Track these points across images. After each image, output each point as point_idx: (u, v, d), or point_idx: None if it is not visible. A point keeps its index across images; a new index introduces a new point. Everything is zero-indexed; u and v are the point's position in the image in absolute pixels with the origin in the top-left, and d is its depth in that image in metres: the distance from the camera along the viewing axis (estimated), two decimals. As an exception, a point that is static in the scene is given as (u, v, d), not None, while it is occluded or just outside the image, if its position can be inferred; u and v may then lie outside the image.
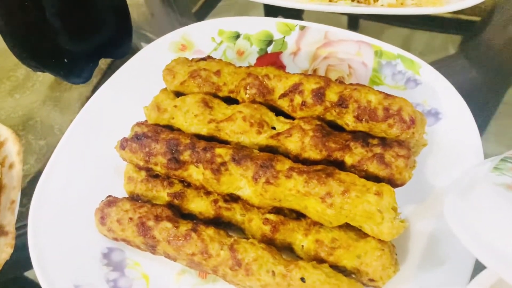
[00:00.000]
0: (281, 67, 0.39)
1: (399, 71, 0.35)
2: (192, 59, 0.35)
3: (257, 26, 0.39)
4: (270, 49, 0.39)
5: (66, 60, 0.38)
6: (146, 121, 0.32)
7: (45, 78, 0.49)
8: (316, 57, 0.38)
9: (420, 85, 0.34)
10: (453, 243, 0.26)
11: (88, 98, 0.43)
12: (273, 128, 0.29)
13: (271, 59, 0.39)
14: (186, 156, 0.28)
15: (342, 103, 0.29)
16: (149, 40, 0.56)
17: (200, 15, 0.52)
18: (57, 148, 0.33)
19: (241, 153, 0.27)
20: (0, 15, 0.35)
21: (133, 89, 0.37)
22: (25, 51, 0.38)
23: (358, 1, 0.42)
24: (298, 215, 0.27)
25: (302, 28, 0.39)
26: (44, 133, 0.45)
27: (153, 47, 0.39)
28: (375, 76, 0.36)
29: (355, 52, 0.37)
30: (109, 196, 0.30)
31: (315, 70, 0.38)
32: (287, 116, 0.30)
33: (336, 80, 0.37)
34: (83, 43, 0.37)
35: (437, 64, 0.47)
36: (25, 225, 0.29)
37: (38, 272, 0.27)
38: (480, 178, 0.22)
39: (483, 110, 0.41)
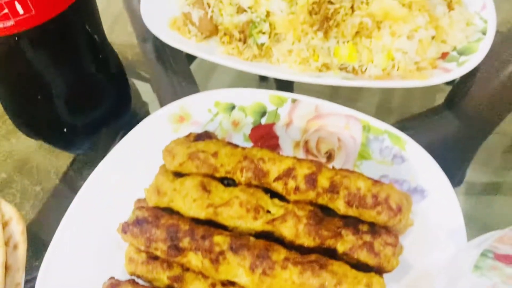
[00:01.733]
0: (275, 137, 0.40)
1: (386, 147, 0.37)
2: (191, 134, 0.36)
3: (251, 98, 0.41)
4: (263, 120, 0.41)
5: (65, 131, 0.39)
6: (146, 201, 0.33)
7: None
8: (308, 129, 0.40)
9: (406, 161, 0.36)
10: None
11: None
12: (268, 211, 0.31)
13: (264, 130, 0.41)
14: (185, 243, 0.30)
15: (333, 189, 0.31)
16: (142, 78, 0.58)
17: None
18: (59, 227, 0.34)
19: (239, 242, 0.29)
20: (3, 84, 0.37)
21: (134, 161, 0.38)
22: (22, 120, 0.39)
23: (346, 71, 0.45)
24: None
25: (294, 101, 0.41)
26: (40, 178, 0.45)
27: (153, 119, 0.40)
28: (363, 150, 0.38)
29: (344, 126, 0.39)
30: (111, 278, 0.31)
31: (306, 142, 0.40)
32: (282, 197, 0.32)
33: (326, 152, 0.39)
34: (84, 117, 0.39)
35: (422, 116, 0.49)
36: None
37: None
38: (462, 279, 0.24)
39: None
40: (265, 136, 0.41)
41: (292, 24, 0.45)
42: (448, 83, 0.47)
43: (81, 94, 0.38)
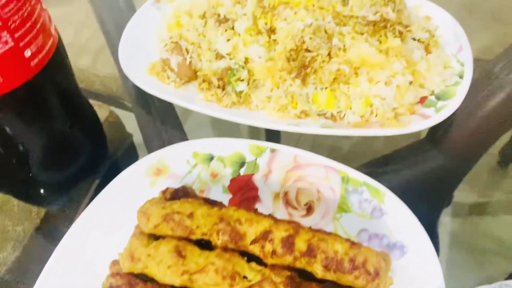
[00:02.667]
0: (254, 189, 0.40)
1: (365, 199, 0.37)
2: (167, 190, 0.36)
3: (230, 148, 0.41)
4: (242, 171, 0.40)
5: (40, 189, 0.38)
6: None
7: None
8: (287, 180, 0.40)
9: (386, 215, 0.36)
10: None
11: None
12: (245, 277, 0.30)
13: (244, 181, 0.40)
14: (160, 313, 0.29)
15: (310, 253, 0.30)
16: (124, 107, 0.57)
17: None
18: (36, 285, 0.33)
19: (214, 312, 0.28)
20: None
21: (111, 218, 0.37)
22: (5, 186, 0.38)
23: (325, 117, 0.45)
24: None
25: (273, 150, 0.40)
26: (22, 218, 0.44)
27: (129, 173, 0.40)
28: (343, 202, 0.38)
29: (323, 177, 0.39)
30: None
31: (286, 193, 0.39)
32: (259, 261, 0.32)
33: (306, 204, 0.39)
34: (60, 174, 0.38)
35: (406, 150, 0.49)
36: None
37: None
38: None
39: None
40: (244, 188, 0.40)
41: (270, 71, 0.45)
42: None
43: (56, 152, 0.37)
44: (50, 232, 0.44)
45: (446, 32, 0.50)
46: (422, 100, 0.44)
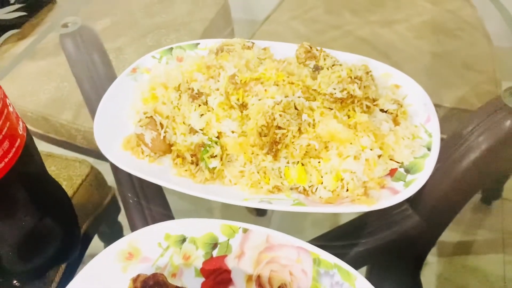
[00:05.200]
0: (227, 271, 0.40)
1: (336, 282, 0.37)
2: (139, 276, 0.36)
3: (203, 228, 0.41)
4: (215, 253, 0.40)
5: (10, 279, 0.38)
6: None
7: None
8: (260, 262, 0.40)
9: (357, 302, 0.36)
10: None
11: None
12: None
13: (217, 263, 0.40)
14: None
15: None
16: (106, 160, 0.57)
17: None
18: None
19: None
20: None
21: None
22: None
23: (298, 191, 0.45)
24: None
25: (245, 230, 0.40)
26: None
27: (100, 259, 0.39)
28: (314, 286, 0.38)
29: (296, 259, 0.39)
30: None
31: (258, 276, 0.39)
32: None
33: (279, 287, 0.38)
34: (30, 264, 0.38)
35: (383, 210, 0.50)
36: None
37: None
38: None
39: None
40: (217, 270, 0.40)
41: (243, 147, 0.46)
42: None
43: (26, 245, 0.37)
44: None
45: (414, 101, 0.51)
46: (392, 172, 0.45)
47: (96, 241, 0.50)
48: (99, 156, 0.49)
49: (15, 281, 0.39)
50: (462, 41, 0.89)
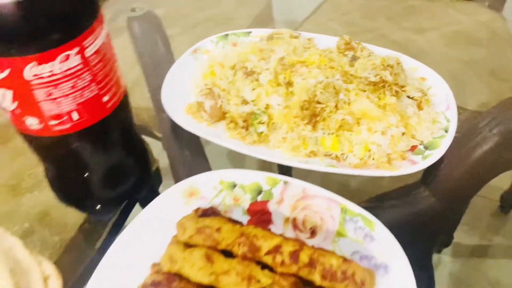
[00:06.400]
0: (268, 213, 0.48)
1: (359, 227, 0.45)
2: (199, 209, 0.45)
3: (251, 178, 0.50)
4: (260, 198, 0.49)
5: (96, 203, 0.48)
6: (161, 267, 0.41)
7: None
8: (296, 208, 0.48)
9: (375, 241, 0.44)
10: None
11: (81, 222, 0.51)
12: (259, 281, 0.39)
13: (260, 206, 0.49)
14: (191, 303, 0.37)
15: (311, 264, 0.38)
16: (155, 136, 0.67)
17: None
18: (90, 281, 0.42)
19: (234, 305, 0.36)
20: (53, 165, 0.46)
21: (151, 230, 0.46)
22: (62, 193, 0.48)
23: (330, 157, 0.53)
24: None
25: (286, 183, 0.49)
26: (59, 229, 0.51)
27: (167, 194, 0.49)
28: (341, 229, 0.46)
29: (326, 207, 0.47)
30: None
31: (294, 219, 0.47)
32: (271, 268, 0.40)
33: (310, 228, 0.47)
34: (112, 192, 0.48)
35: (401, 190, 0.57)
36: None
37: None
38: None
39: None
40: (260, 212, 0.49)
41: (287, 117, 0.54)
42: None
43: (112, 175, 0.46)
44: (81, 243, 0.53)
45: (437, 92, 0.59)
46: (413, 148, 0.53)
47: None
48: (146, 132, 0.58)
49: (98, 206, 0.48)
50: (491, 51, 0.93)
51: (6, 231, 0.46)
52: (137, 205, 0.53)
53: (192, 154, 0.62)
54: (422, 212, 0.55)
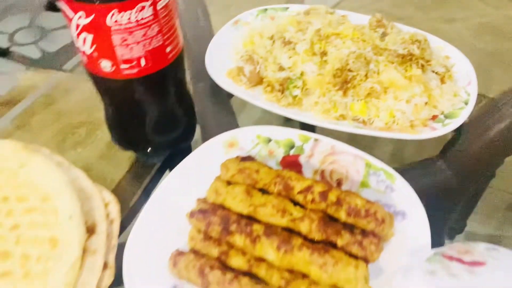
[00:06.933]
0: (299, 166, 0.54)
1: (381, 180, 0.50)
2: (238, 157, 0.51)
3: (285, 134, 0.55)
4: (292, 152, 0.55)
5: (148, 147, 0.54)
6: (205, 199, 0.47)
7: (103, 137, 0.62)
8: (324, 162, 0.53)
9: (395, 192, 0.49)
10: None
11: (136, 157, 0.57)
12: (291, 214, 0.44)
13: (292, 159, 0.55)
14: (233, 228, 0.43)
15: (338, 203, 0.44)
16: None
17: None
18: (141, 213, 0.48)
19: (270, 230, 0.42)
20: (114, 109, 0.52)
21: (196, 173, 0.52)
22: (118, 137, 0.55)
23: (358, 121, 0.59)
24: (304, 275, 0.41)
25: (316, 140, 0.55)
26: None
27: (209, 144, 0.55)
28: (364, 181, 0.51)
29: (352, 162, 0.52)
30: (177, 249, 0.45)
31: (322, 171, 0.53)
32: (302, 206, 0.46)
33: (336, 180, 0.52)
34: (162, 138, 0.54)
35: (420, 162, 0.61)
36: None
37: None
38: (417, 265, 0.37)
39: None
40: (292, 164, 0.54)
41: (320, 83, 0.60)
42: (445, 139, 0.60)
43: (163, 121, 0.52)
44: (133, 181, 0.58)
45: (460, 69, 0.63)
46: (434, 117, 0.58)
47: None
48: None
49: (149, 149, 0.55)
50: (517, 45, 0.96)
51: (71, 164, 0.53)
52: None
53: (227, 118, 0.67)
54: (437, 184, 0.58)
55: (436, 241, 0.44)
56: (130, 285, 0.42)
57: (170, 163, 0.52)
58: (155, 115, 0.51)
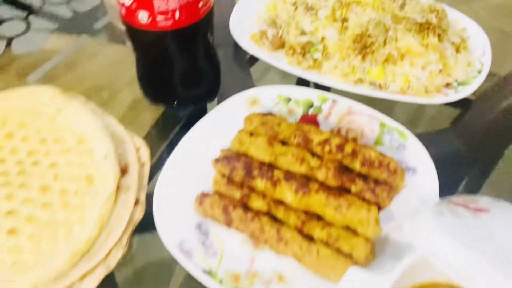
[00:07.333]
0: (317, 124, 0.57)
1: (394, 138, 0.54)
2: (260, 113, 0.54)
3: (304, 95, 0.58)
4: (310, 111, 0.58)
5: (176, 100, 0.58)
6: (229, 149, 0.51)
7: (125, 100, 0.65)
8: (341, 121, 0.57)
9: (407, 149, 0.52)
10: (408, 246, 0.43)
11: (157, 118, 0.60)
12: (309, 163, 0.48)
13: (310, 118, 0.58)
14: (255, 173, 0.47)
15: (353, 155, 0.47)
16: None
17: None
18: (168, 160, 0.52)
19: (289, 175, 0.46)
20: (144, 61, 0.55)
21: (220, 126, 0.55)
22: (148, 89, 0.58)
23: (375, 86, 0.61)
24: (319, 217, 0.45)
25: (334, 101, 0.58)
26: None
27: (234, 100, 0.58)
28: (378, 139, 0.54)
29: (368, 122, 0.56)
30: (203, 192, 0.48)
31: (339, 130, 0.56)
32: (319, 157, 0.49)
33: (352, 138, 0.55)
34: (190, 92, 0.57)
35: (431, 133, 0.64)
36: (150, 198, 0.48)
37: (159, 230, 0.45)
38: (426, 208, 0.40)
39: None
40: (310, 123, 0.57)
41: (340, 48, 0.62)
42: (456, 110, 0.63)
43: (192, 76, 0.56)
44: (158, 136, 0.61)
45: (475, 40, 0.65)
46: (447, 85, 0.60)
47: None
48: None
49: (175, 103, 0.58)
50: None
51: (104, 111, 0.57)
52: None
53: (246, 84, 0.70)
54: (446, 153, 0.60)
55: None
56: (160, 222, 0.46)
57: (193, 122, 0.55)
58: (184, 69, 0.54)
